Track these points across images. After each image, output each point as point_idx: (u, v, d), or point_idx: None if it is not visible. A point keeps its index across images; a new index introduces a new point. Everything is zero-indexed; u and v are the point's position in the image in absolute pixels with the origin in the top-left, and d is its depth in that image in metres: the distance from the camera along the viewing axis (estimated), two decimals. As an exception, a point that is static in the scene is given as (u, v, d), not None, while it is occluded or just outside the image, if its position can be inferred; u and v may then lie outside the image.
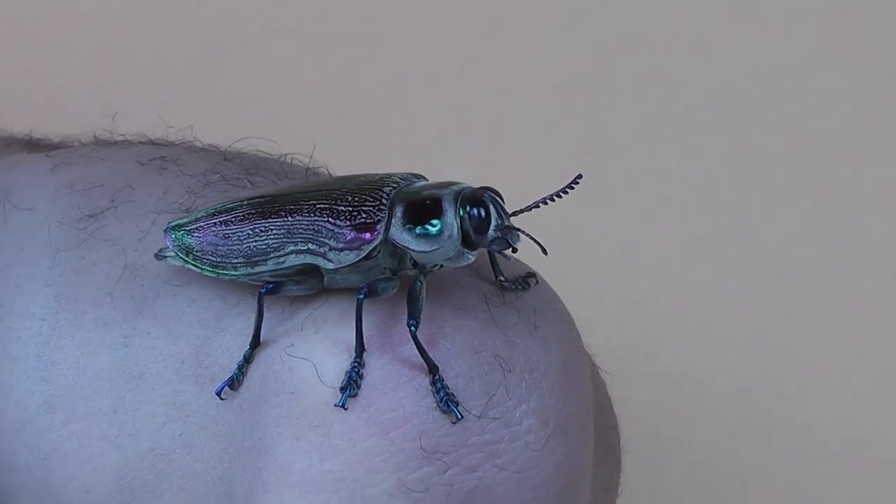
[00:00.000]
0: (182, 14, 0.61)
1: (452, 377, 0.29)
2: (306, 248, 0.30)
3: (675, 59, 0.61)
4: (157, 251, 0.32)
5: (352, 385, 0.28)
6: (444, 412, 0.29)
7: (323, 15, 0.62)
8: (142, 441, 0.31)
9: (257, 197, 0.31)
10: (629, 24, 0.62)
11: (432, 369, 0.29)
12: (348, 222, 0.30)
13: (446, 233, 0.29)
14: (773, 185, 0.60)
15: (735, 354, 0.59)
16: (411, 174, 0.31)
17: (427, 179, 0.31)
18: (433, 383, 0.29)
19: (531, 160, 0.60)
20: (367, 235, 0.30)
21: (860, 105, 0.60)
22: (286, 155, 0.36)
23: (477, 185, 0.30)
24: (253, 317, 0.30)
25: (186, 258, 0.31)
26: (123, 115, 0.40)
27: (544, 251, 0.29)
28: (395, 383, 0.29)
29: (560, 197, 0.30)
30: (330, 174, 0.36)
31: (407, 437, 0.28)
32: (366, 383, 0.29)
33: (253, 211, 0.31)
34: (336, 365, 0.29)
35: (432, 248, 0.29)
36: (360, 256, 0.30)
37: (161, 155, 0.35)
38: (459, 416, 0.28)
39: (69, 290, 0.32)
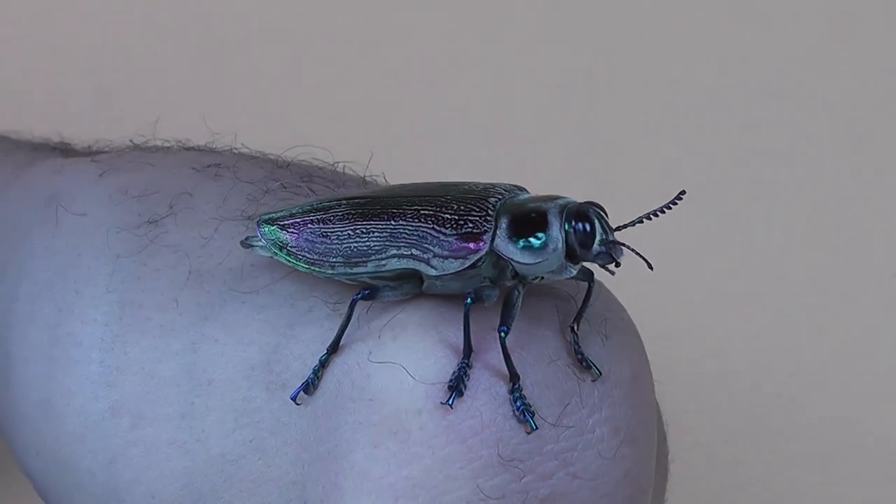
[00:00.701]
0: (182, 13, 0.61)
1: (528, 385, 0.29)
2: (409, 252, 0.30)
3: (675, 59, 0.61)
4: (242, 239, 0.32)
5: (459, 385, 0.29)
6: (520, 421, 0.29)
7: (323, 15, 0.62)
8: (211, 447, 0.31)
9: (357, 197, 0.31)
10: (629, 24, 0.62)
11: (514, 378, 0.29)
12: (454, 231, 0.30)
13: (551, 246, 0.29)
14: (773, 185, 0.60)
15: (735, 354, 0.59)
16: (515, 186, 0.31)
17: (528, 192, 0.31)
18: (512, 391, 0.29)
19: (531, 160, 0.61)
20: (473, 245, 0.30)
21: (860, 105, 0.60)
22: (338, 163, 0.36)
23: (581, 200, 0.30)
24: (326, 324, 0.30)
25: (279, 252, 0.31)
26: (124, 116, 0.40)
27: (650, 266, 0.30)
28: (473, 391, 0.29)
29: (664, 212, 0.31)
30: (386, 181, 0.36)
31: (485, 444, 0.29)
32: (444, 391, 0.29)
33: (353, 211, 0.31)
34: (416, 374, 0.29)
35: (536, 261, 0.29)
36: (465, 265, 0.30)
37: (215, 162, 0.36)
38: (534, 427, 0.29)
39: (132, 295, 0.32)
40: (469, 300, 0.29)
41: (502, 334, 0.29)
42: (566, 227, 0.29)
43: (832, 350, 0.58)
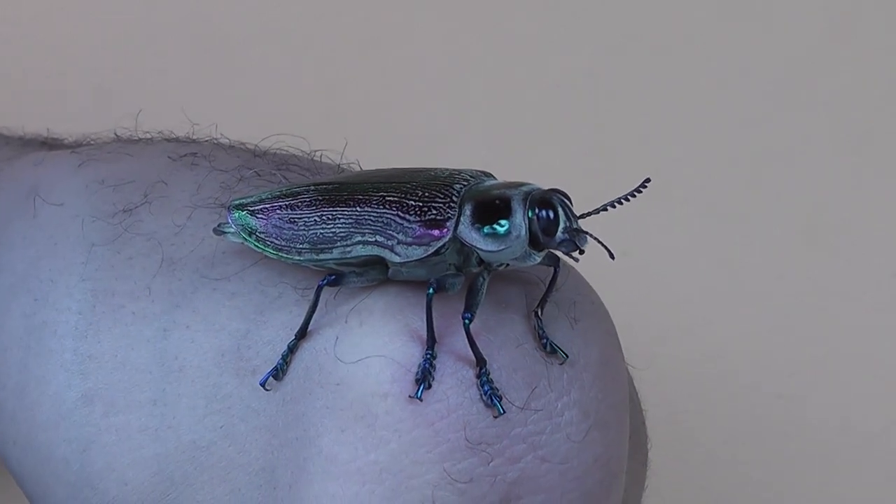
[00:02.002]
0: (183, 13, 0.61)
1: (496, 369, 0.29)
2: (374, 239, 0.30)
3: (675, 60, 0.61)
4: (214, 226, 0.32)
5: (427, 377, 0.29)
6: (487, 406, 0.29)
7: (323, 14, 0.62)
8: (182, 433, 0.31)
9: (324, 183, 0.31)
10: (629, 25, 0.62)
11: (480, 362, 0.29)
12: (418, 218, 0.30)
13: (514, 233, 0.29)
14: (773, 185, 0.60)
15: (735, 354, 0.59)
16: (481, 172, 0.31)
17: (495, 178, 0.31)
18: (479, 376, 0.29)
19: (531, 160, 0.60)
20: (437, 232, 0.30)
21: (860, 105, 0.60)
22: (315, 152, 0.36)
23: (546, 187, 0.30)
24: (294, 310, 0.30)
25: (248, 238, 0.31)
26: (123, 117, 0.40)
27: (611, 255, 0.29)
28: (439, 375, 0.29)
29: (628, 200, 0.31)
30: (361, 169, 0.36)
31: (451, 428, 0.29)
32: (410, 375, 0.29)
33: (320, 197, 0.31)
34: (381, 357, 0.29)
35: (500, 248, 0.29)
36: (429, 252, 0.30)
37: (191, 151, 0.36)
38: (502, 411, 0.29)
39: (106, 284, 0.33)
40: (431, 290, 0.29)
41: (466, 321, 0.29)
42: (529, 214, 0.29)
43: (832, 350, 0.58)
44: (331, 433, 0.29)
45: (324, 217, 0.31)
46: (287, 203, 0.31)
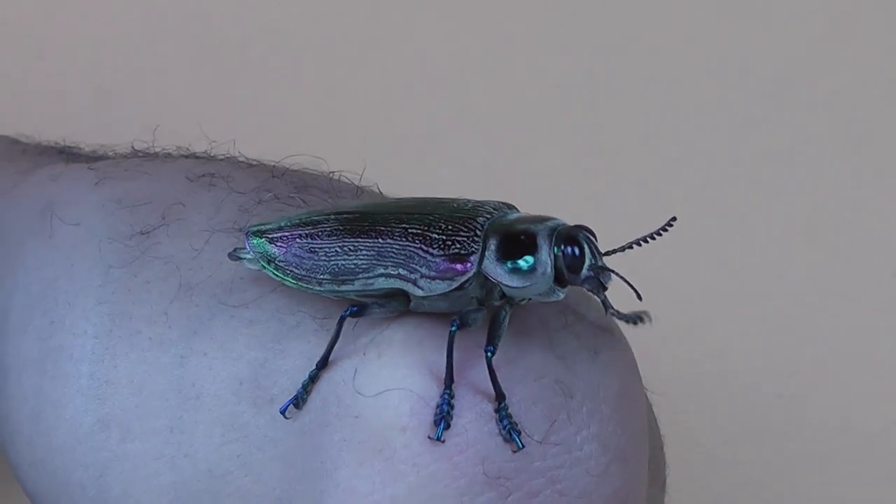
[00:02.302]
0: (183, 14, 0.61)
1: (515, 402, 0.29)
2: (397, 272, 0.30)
3: (675, 60, 0.61)
4: (230, 251, 0.32)
5: (446, 417, 0.28)
6: (506, 440, 0.29)
7: (325, 17, 0.62)
8: (198, 462, 0.31)
9: (345, 212, 0.31)
10: (629, 25, 0.62)
11: (500, 397, 0.29)
12: (442, 251, 0.30)
13: (539, 270, 0.29)
14: (773, 185, 0.60)
15: (735, 354, 0.59)
16: (503, 203, 0.31)
17: (518, 210, 0.31)
18: (498, 410, 0.29)
19: (531, 160, 0.61)
20: (460, 267, 0.30)
21: (860, 105, 0.60)
22: (334, 172, 0.36)
23: (572, 224, 0.30)
24: (313, 339, 0.30)
25: (267, 266, 0.31)
26: (125, 117, 0.40)
27: (639, 296, 0.29)
28: (458, 409, 0.29)
29: (654, 239, 0.31)
30: (381, 193, 0.36)
31: (470, 462, 0.28)
32: (429, 408, 0.29)
33: (341, 227, 0.31)
34: (400, 390, 0.29)
35: (525, 284, 0.29)
36: (452, 287, 0.30)
37: (210, 171, 0.35)
38: (521, 446, 0.29)
39: (122, 307, 0.32)
40: (454, 327, 0.29)
41: (489, 354, 0.29)
42: (556, 250, 0.29)
43: (832, 350, 0.58)
44: (349, 466, 0.29)
45: (345, 248, 0.30)
46: (307, 232, 0.31)
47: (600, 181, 0.60)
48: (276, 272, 0.31)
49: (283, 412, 0.30)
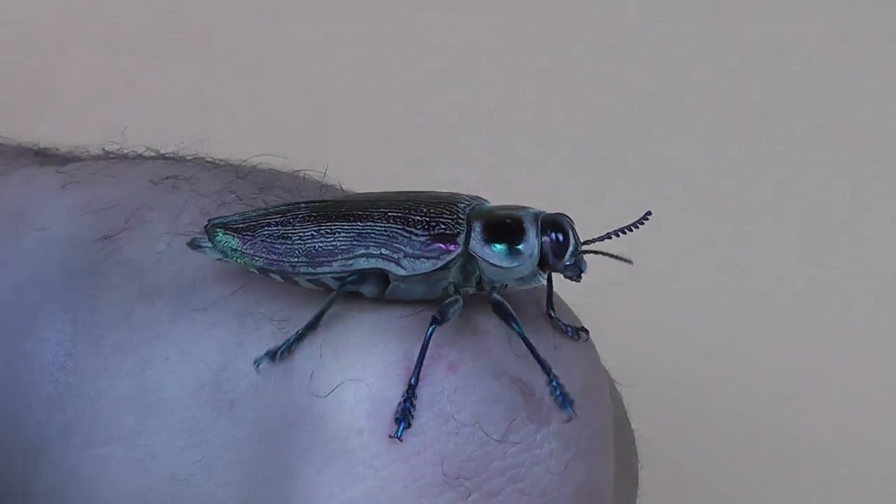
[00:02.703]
0: (182, 14, 0.61)
1: (474, 401, 0.29)
2: (378, 252, 0.30)
3: (675, 60, 0.61)
4: (189, 241, 0.32)
5: (406, 416, 0.28)
6: (558, 408, 0.29)
7: (321, 15, 0.62)
8: (162, 466, 0.31)
9: (316, 201, 0.31)
10: (630, 25, 0.62)
11: (545, 367, 0.29)
12: (426, 231, 0.30)
13: (527, 251, 0.29)
14: (772, 185, 0.60)
15: (735, 354, 0.59)
16: (478, 197, 0.31)
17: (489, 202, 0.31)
18: (549, 381, 0.29)
19: (531, 160, 0.61)
20: (448, 246, 0.30)
21: (860, 105, 0.60)
22: (299, 171, 0.36)
23: (552, 211, 0.30)
24: (272, 343, 0.30)
25: (231, 253, 0.31)
26: (122, 119, 0.40)
27: (629, 261, 0.30)
28: (416, 409, 0.29)
29: (631, 231, 0.31)
30: (343, 190, 0.36)
31: (428, 462, 0.28)
32: (386, 410, 0.29)
33: (315, 213, 0.31)
34: (356, 392, 0.29)
35: (511, 265, 0.30)
36: (437, 266, 0.30)
37: (174, 174, 0.35)
38: (573, 414, 0.29)
39: (85, 314, 0.32)
40: (432, 326, 0.29)
41: (517, 328, 0.29)
42: (542, 235, 0.30)
43: (832, 350, 0.58)
44: (310, 470, 0.29)
45: (322, 231, 0.30)
46: (277, 220, 0.31)
47: (600, 181, 0.60)
48: (241, 258, 0.31)
49: (257, 365, 0.30)
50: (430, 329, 0.29)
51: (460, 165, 0.60)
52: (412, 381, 0.29)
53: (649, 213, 0.31)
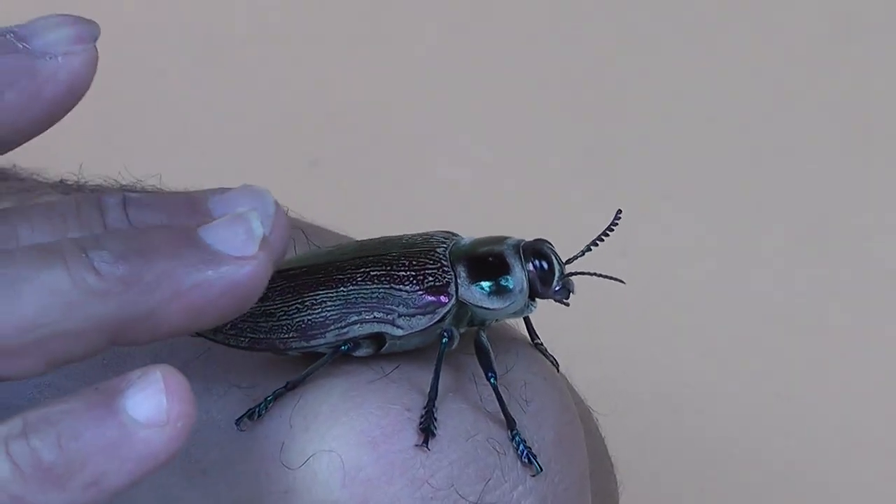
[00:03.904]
0: (180, 15, 0.61)
1: (447, 464, 0.29)
2: (371, 316, 0.29)
3: (675, 60, 0.61)
4: None
5: (430, 426, 0.28)
6: (524, 465, 0.29)
7: (323, 12, 0.62)
8: None
9: (288, 269, 0.30)
10: (630, 25, 0.62)
11: (510, 423, 0.29)
12: (417, 286, 0.29)
13: (517, 287, 0.29)
14: (773, 186, 0.60)
15: (735, 354, 0.59)
16: (447, 232, 0.31)
17: (461, 236, 0.31)
18: (512, 438, 0.29)
19: (531, 160, 0.60)
20: (441, 298, 0.29)
21: (860, 105, 0.60)
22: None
23: (530, 238, 0.30)
24: (239, 410, 0.29)
25: (215, 336, 0.30)
26: (121, 119, 0.40)
27: (621, 281, 0.30)
28: (389, 476, 0.28)
29: (608, 236, 0.31)
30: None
31: None
32: (360, 478, 0.28)
33: (292, 285, 0.30)
34: (329, 464, 0.28)
35: (504, 305, 0.29)
36: (434, 320, 0.29)
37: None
38: (539, 470, 0.28)
39: (59, 381, 0.31)
40: (445, 340, 0.29)
41: (493, 381, 0.29)
42: (527, 266, 0.29)
43: (832, 350, 0.58)
44: None
45: (306, 303, 0.30)
46: None
47: (599, 181, 0.60)
48: (225, 340, 0.30)
49: (237, 423, 0.29)
50: (444, 343, 0.29)
51: (460, 165, 0.60)
52: (430, 394, 0.28)
53: (620, 211, 0.31)
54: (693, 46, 0.61)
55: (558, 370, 0.32)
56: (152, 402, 0.25)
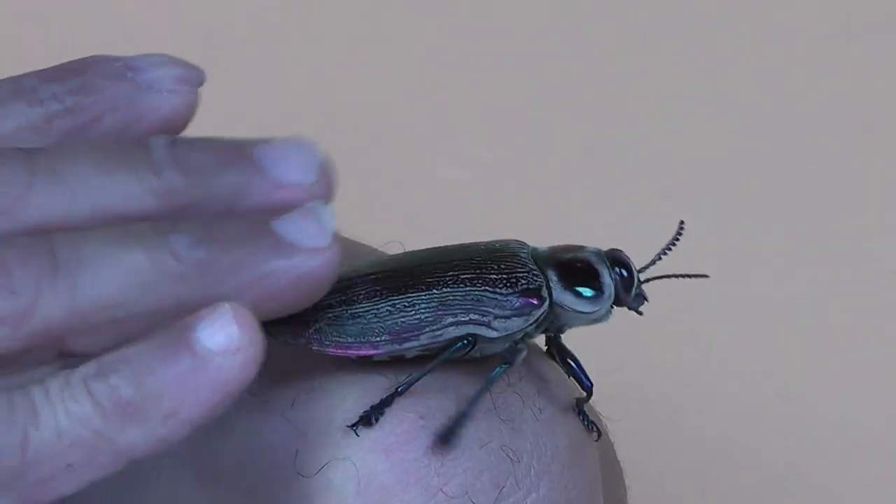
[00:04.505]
0: (180, 16, 0.61)
1: (461, 472, 0.29)
2: (468, 318, 0.29)
3: (675, 60, 0.61)
4: None
5: (459, 426, 0.28)
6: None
7: (319, 14, 0.62)
8: None
9: (371, 273, 0.30)
10: (630, 25, 0.62)
11: (588, 392, 0.30)
12: (511, 289, 0.29)
13: (607, 293, 0.30)
14: (773, 186, 0.60)
15: (735, 354, 0.59)
16: (516, 240, 0.31)
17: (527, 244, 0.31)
18: (578, 412, 0.30)
19: (531, 160, 0.60)
20: (536, 300, 0.29)
21: (860, 105, 0.60)
22: None
23: (607, 249, 0.31)
24: (254, 417, 0.30)
25: (293, 341, 0.30)
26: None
27: (705, 276, 0.31)
28: (403, 485, 0.28)
29: (674, 246, 0.32)
30: None
31: None
32: (374, 486, 0.28)
33: (379, 287, 0.30)
34: (343, 472, 0.28)
35: (595, 309, 0.30)
36: (529, 322, 0.29)
37: None
38: (598, 437, 0.29)
39: None
40: (503, 366, 0.29)
41: (590, 388, 0.30)
42: (613, 273, 0.30)
43: (832, 350, 0.58)
44: None
45: (398, 306, 0.29)
46: (338, 300, 0.30)
47: (599, 181, 0.60)
48: (306, 343, 0.30)
49: (354, 429, 0.29)
50: (499, 369, 0.29)
51: (460, 165, 0.60)
52: (465, 411, 0.28)
53: (682, 223, 0.32)
54: (693, 46, 0.61)
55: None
56: (224, 332, 0.25)
